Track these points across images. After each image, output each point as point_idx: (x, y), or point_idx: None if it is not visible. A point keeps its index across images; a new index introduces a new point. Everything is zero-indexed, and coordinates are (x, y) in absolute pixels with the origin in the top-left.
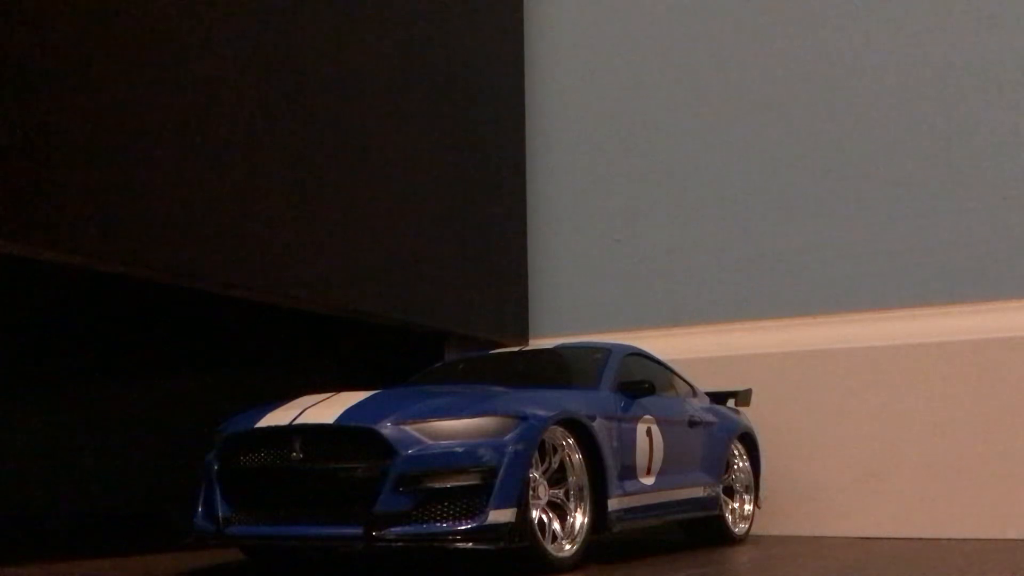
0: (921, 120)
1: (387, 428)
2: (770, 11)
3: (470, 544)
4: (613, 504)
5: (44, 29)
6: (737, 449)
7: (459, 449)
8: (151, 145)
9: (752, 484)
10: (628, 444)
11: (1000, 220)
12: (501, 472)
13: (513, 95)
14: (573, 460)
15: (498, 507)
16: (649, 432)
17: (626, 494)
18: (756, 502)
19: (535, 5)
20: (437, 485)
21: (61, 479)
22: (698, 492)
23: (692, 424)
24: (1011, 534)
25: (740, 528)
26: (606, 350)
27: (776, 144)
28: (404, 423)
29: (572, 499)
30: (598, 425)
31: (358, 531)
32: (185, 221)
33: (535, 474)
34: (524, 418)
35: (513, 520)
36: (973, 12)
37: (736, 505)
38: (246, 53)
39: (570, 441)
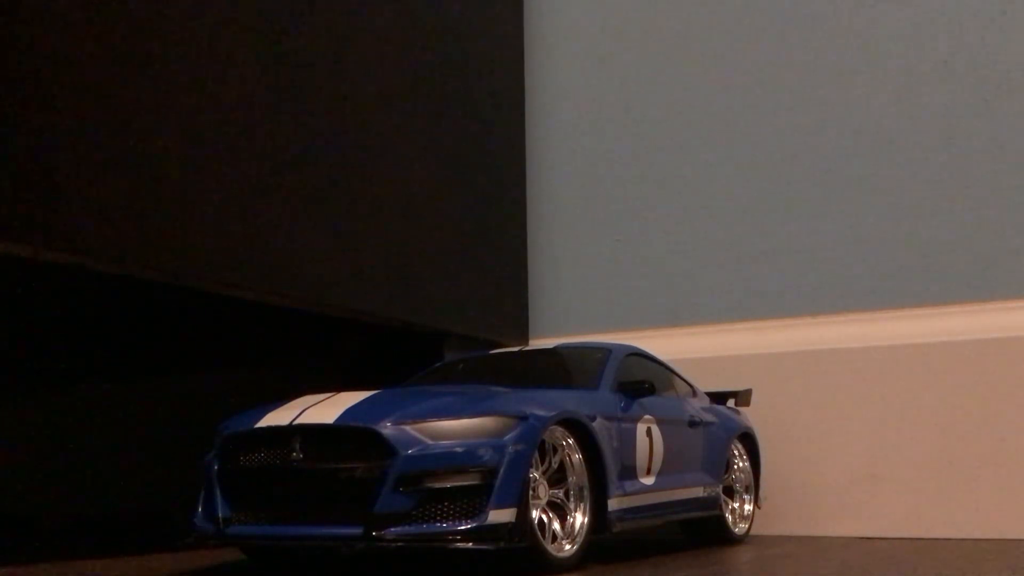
0: (921, 120)
1: (387, 428)
2: (769, 12)
3: (470, 544)
4: (613, 504)
5: (45, 30)
6: (737, 449)
7: (459, 449)
8: (152, 146)
9: (752, 484)
10: (628, 444)
11: (1000, 220)
12: (501, 472)
13: (513, 95)
14: (573, 460)
15: (498, 507)
16: (649, 432)
17: (626, 494)
18: (756, 502)
19: (535, 5)
20: (437, 485)
21: (61, 479)
22: (698, 492)
23: (692, 424)
24: (1011, 534)
25: (740, 528)
26: (606, 350)
27: (776, 144)
28: (404, 423)
29: (572, 499)
30: (598, 425)
31: (358, 531)
32: (185, 221)
33: (535, 474)
34: (524, 418)
35: (513, 520)
36: (972, 12)
37: (736, 505)
38: (247, 54)
39: (570, 441)
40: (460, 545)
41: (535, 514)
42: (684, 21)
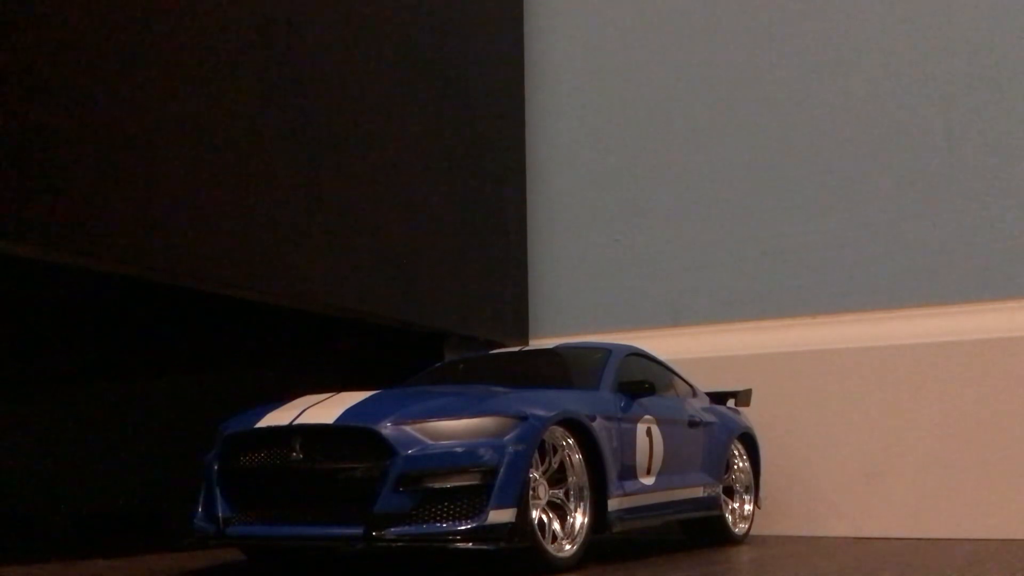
0: (921, 120)
1: (387, 428)
2: (770, 12)
3: (470, 544)
4: (613, 504)
5: (44, 29)
6: (737, 449)
7: (459, 449)
8: (151, 145)
9: (752, 484)
10: (628, 444)
11: (1000, 220)
12: (501, 472)
13: (513, 95)
14: (573, 460)
15: (498, 507)
16: (649, 432)
17: (626, 494)
18: (756, 502)
19: (535, 5)
20: (437, 485)
21: (61, 479)
22: (698, 492)
23: (692, 424)
24: (1011, 534)
25: (740, 528)
26: (606, 350)
27: (776, 144)
28: (404, 423)
29: (572, 499)
30: (598, 425)
31: (358, 531)
32: (185, 221)
33: (535, 474)
34: (524, 418)
35: (513, 520)
36: (973, 13)
37: (736, 505)
38: (247, 53)
39: (570, 441)
40: (460, 545)
41: (535, 514)
42: (683, 22)
